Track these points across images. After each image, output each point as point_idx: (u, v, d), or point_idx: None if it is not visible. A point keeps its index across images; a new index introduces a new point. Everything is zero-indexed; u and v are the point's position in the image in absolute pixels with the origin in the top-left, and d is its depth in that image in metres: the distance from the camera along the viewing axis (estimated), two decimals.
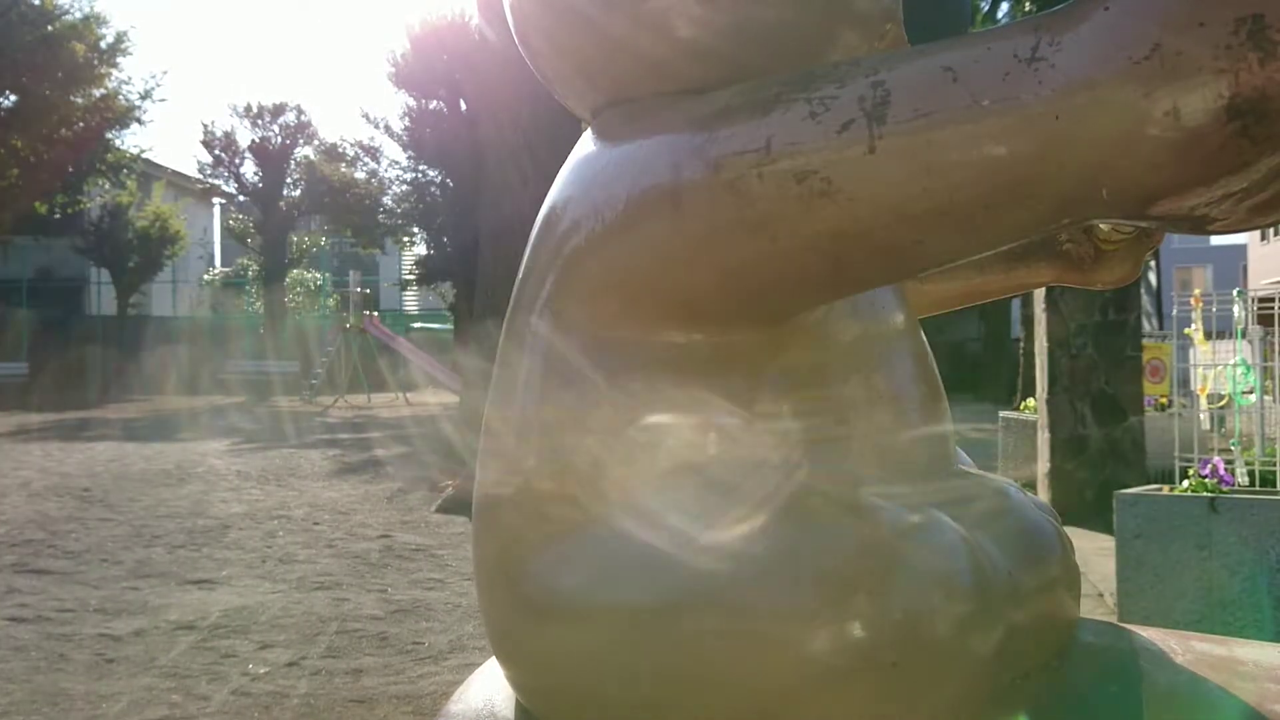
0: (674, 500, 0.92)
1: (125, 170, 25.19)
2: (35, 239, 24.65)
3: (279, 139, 27.46)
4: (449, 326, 25.51)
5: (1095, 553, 4.74)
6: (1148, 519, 3.45)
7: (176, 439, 12.49)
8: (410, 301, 34.05)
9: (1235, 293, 3.98)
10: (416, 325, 27.83)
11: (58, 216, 23.21)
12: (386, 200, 25.03)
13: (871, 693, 0.82)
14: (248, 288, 32.55)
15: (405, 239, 26.59)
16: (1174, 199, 0.68)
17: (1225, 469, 3.48)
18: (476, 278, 9.25)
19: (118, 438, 12.54)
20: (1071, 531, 1.24)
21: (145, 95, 23.80)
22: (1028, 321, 11.91)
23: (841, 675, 0.82)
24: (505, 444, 1.05)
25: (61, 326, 25.18)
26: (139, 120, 24.08)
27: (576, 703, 0.96)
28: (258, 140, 27.38)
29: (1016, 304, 15.71)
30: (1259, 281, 24.72)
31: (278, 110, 27.61)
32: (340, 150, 25.83)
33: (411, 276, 26.21)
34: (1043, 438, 6.40)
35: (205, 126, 30.80)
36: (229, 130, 27.97)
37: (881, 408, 1.03)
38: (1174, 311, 4.32)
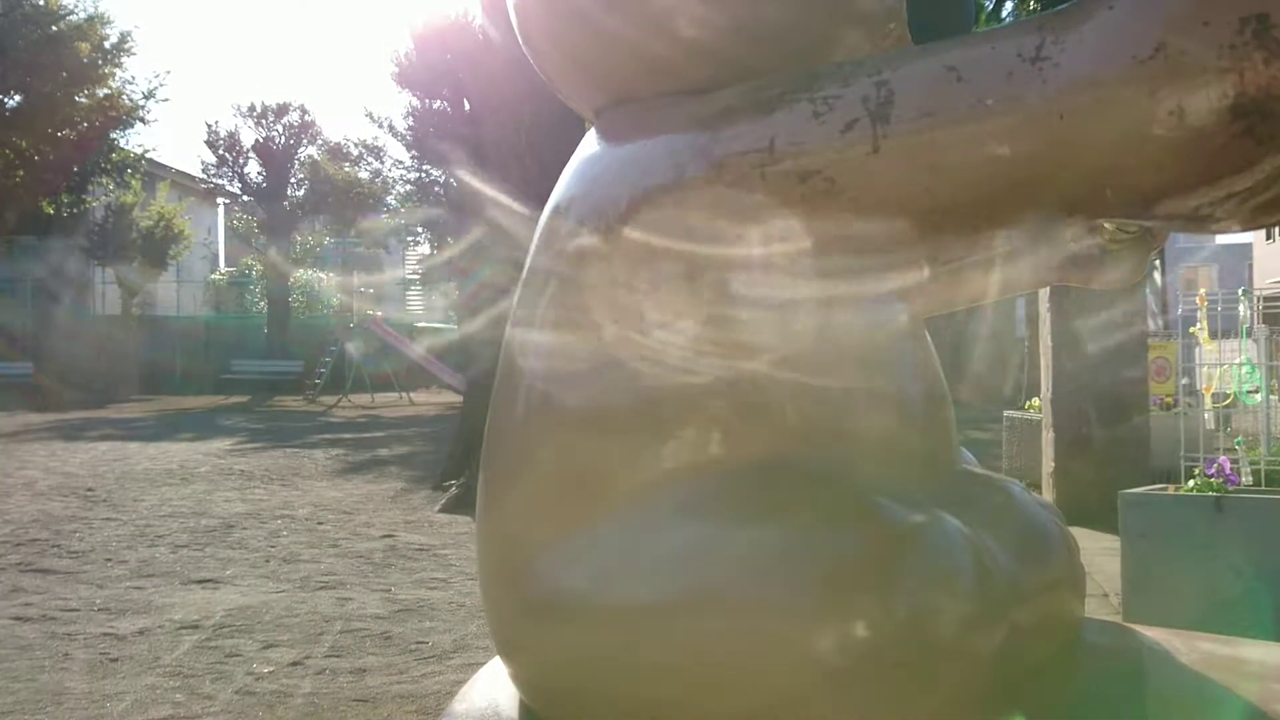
0: (678, 500, 0.92)
1: (129, 170, 25.20)
2: (40, 238, 24.68)
3: (283, 139, 27.46)
4: (453, 326, 25.51)
5: (1100, 553, 4.72)
6: (1153, 519, 3.43)
7: (180, 438, 12.50)
8: (414, 301, 34.06)
9: (1240, 292, 3.98)
10: (420, 325, 27.84)
11: (65, 215, 23.24)
12: (390, 200, 25.05)
13: (875, 691, 0.82)
14: (251, 287, 32.60)
15: (409, 239, 26.61)
16: (1178, 198, 0.68)
17: (1231, 469, 3.46)
18: (479, 278, 9.24)
19: (121, 437, 12.55)
20: (1076, 531, 1.24)
21: (149, 95, 23.82)
22: (1032, 321, 11.89)
23: (846, 674, 0.82)
24: (509, 443, 1.05)
25: (65, 326, 25.22)
26: (143, 120, 24.10)
27: (580, 701, 0.96)
28: (262, 140, 27.39)
29: (1021, 303, 15.68)
30: (1264, 281, 24.67)
31: (281, 110, 27.61)
32: (344, 150, 25.86)
33: (415, 276, 26.24)
34: (1047, 437, 6.39)
35: (209, 126, 30.81)
36: (233, 130, 27.98)
37: (885, 407, 1.03)
38: (1179, 311, 4.31)
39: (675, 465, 0.94)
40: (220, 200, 32.56)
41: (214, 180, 28.67)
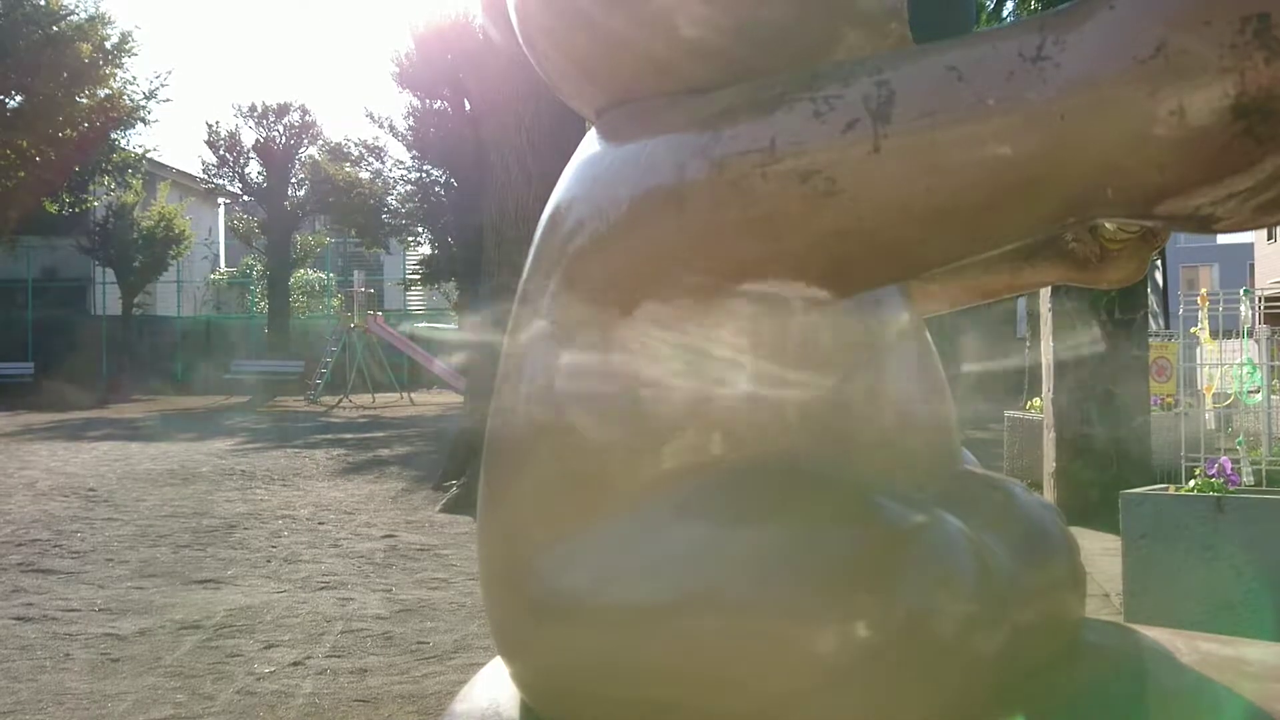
0: (678, 500, 0.92)
1: (130, 170, 25.21)
2: (41, 238, 24.69)
3: (283, 139, 27.45)
4: (453, 326, 25.52)
5: (1101, 553, 4.72)
6: (1154, 519, 3.43)
7: (181, 439, 12.51)
8: (414, 301, 34.05)
9: (1242, 292, 3.98)
10: (421, 325, 27.85)
11: (66, 215, 23.23)
12: (391, 200, 25.03)
13: (876, 692, 0.82)
14: (252, 288, 32.61)
15: (409, 239, 26.59)
16: (1179, 198, 0.68)
17: (1232, 469, 3.47)
18: (480, 277, 9.25)
19: (123, 437, 12.56)
20: (1077, 531, 1.24)
21: (150, 95, 23.82)
22: (1033, 320, 11.88)
23: (846, 674, 0.82)
24: (510, 443, 1.05)
25: (66, 326, 25.22)
26: (144, 120, 24.09)
27: (581, 702, 0.96)
28: (262, 140, 27.39)
29: (1021, 303, 15.68)
30: (1265, 281, 24.65)
31: (282, 110, 27.60)
32: (345, 150, 25.82)
33: (415, 276, 26.22)
34: (1048, 437, 6.38)
35: (210, 127, 30.71)
36: (234, 130, 27.97)
37: (886, 407, 1.02)
38: (1180, 310, 4.31)
39: (675, 465, 0.94)
40: (221, 200, 32.56)
41: (214, 180, 28.67)
